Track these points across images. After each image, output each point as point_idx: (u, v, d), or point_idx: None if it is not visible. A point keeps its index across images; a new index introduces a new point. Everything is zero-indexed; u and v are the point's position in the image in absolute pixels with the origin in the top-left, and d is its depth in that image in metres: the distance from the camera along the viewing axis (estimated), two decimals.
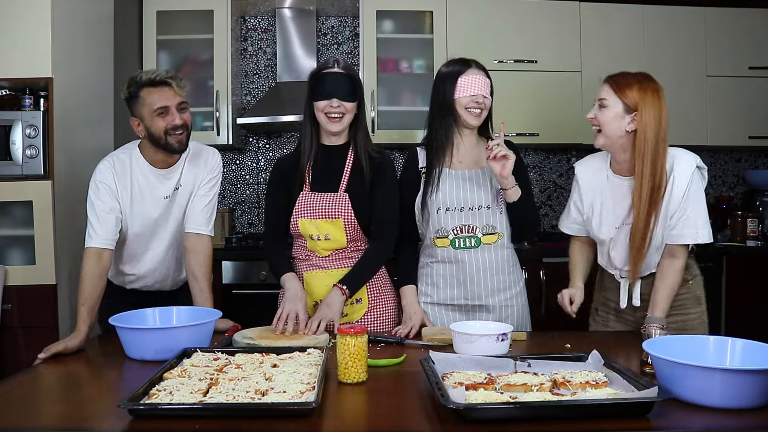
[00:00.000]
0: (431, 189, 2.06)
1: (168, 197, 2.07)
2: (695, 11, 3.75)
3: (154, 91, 1.95)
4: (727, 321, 3.49)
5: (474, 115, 2.03)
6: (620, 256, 1.93)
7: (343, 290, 1.95)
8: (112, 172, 2.02)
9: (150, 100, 1.95)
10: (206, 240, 2.12)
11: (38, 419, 1.25)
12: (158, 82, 1.95)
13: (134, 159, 2.05)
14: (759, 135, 3.77)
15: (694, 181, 1.85)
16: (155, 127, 1.96)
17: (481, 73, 2.05)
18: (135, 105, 1.98)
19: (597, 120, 1.87)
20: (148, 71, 1.98)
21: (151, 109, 1.95)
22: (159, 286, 2.21)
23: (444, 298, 2.08)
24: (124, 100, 2.01)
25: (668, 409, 1.22)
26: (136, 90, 1.96)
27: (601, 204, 1.95)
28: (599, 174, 1.97)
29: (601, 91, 1.89)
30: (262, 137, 4.05)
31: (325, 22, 4.03)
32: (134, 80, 1.97)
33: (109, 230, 1.98)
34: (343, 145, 2.10)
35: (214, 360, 1.50)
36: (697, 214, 1.85)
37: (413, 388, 1.40)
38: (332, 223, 2.03)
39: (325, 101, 2.00)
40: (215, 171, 2.15)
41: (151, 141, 2.00)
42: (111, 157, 2.06)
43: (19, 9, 2.66)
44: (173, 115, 1.96)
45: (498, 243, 2.05)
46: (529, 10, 3.68)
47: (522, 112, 3.52)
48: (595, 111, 1.88)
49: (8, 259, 2.74)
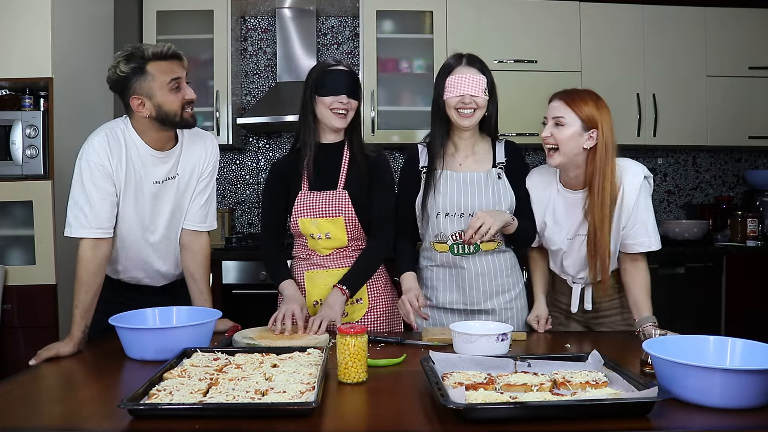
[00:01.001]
0: (431, 192, 2.03)
1: (158, 182, 1.92)
2: (695, 11, 3.75)
3: (165, 63, 1.81)
4: (727, 321, 3.48)
5: (464, 116, 1.98)
6: (574, 264, 1.97)
7: (344, 291, 1.96)
8: (107, 150, 1.84)
9: (162, 74, 1.80)
10: (204, 238, 2.06)
11: (38, 419, 1.25)
12: (169, 55, 1.82)
13: (128, 137, 1.88)
14: (759, 135, 3.77)
15: (643, 191, 1.87)
16: (169, 102, 1.82)
17: (471, 71, 1.98)
18: (138, 81, 1.80)
19: (554, 139, 1.84)
20: (150, 45, 1.83)
21: (163, 82, 1.80)
22: (149, 281, 2.08)
23: (443, 302, 2.07)
24: (118, 78, 1.81)
25: (668, 409, 1.22)
26: (141, 64, 1.80)
27: (553, 217, 1.97)
28: (549, 188, 1.98)
29: (555, 109, 1.86)
30: (262, 137, 4.05)
31: (325, 22, 4.03)
32: (137, 54, 1.80)
33: (105, 217, 1.83)
34: (339, 143, 2.10)
35: (214, 360, 1.50)
36: (647, 224, 1.88)
37: (413, 388, 1.40)
38: (333, 221, 2.03)
39: (333, 97, 1.99)
40: (214, 158, 2.04)
41: (160, 119, 1.84)
42: (104, 132, 1.87)
43: (19, 9, 2.66)
44: (186, 88, 1.86)
45: (497, 248, 2.05)
46: (529, 10, 3.68)
47: (522, 112, 3.51)
48: (551, 129, 1.85)
49: (8, 259, 2.74)
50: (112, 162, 1.84)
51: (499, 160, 2.06)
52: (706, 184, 4.21)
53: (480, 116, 2.01)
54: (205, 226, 2.06)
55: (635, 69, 3.72)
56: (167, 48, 1.82)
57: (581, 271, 1.97)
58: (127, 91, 1.83)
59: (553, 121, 1.86)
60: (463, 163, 2.06)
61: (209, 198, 2.06)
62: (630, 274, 1.91)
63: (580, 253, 1.93)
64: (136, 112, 1.85)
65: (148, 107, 1.83)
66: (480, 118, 2.01)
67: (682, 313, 3.40)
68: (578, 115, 1.82)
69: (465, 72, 1.98)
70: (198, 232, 2.05)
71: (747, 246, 3.59)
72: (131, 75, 1.80)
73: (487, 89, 1.99)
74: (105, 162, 1.83)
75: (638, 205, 1.85)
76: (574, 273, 1.99)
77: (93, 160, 1.83)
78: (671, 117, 3.71)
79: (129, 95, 1.83)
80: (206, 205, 2.05)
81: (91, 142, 1.86)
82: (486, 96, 1.99)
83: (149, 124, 1.87)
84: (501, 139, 2.11)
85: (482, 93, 1.98)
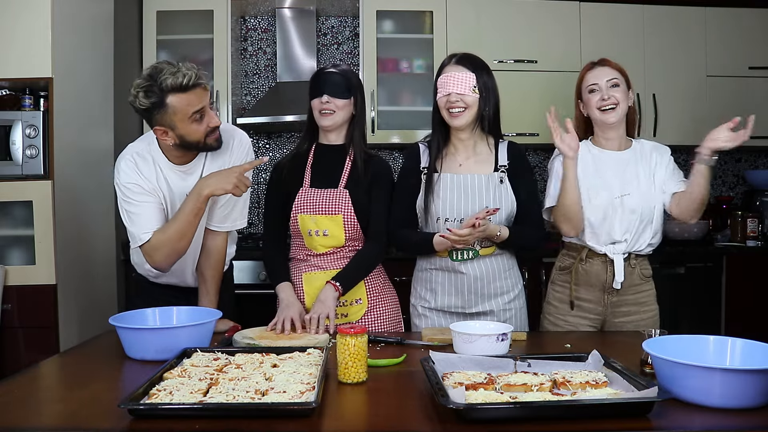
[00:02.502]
0: (432, 196, 2.01)
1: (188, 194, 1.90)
2: (695, 11, 3.75)
3: (185, 95, 1.74)
4: (727, 321, 3.48)
5: (453, 115, 1.96)
6: (621, 226, 2.02)
7: (336, 287, 1.96)
8: (136, 171, 1.86)
9: (182, 107, 1.74)
10: (220, 239, 2.03)
11: (38, 419, 1.25)
12: (189, 86, 1.74)
13: (155, 156, 1.89)
14: (759, 135, 3.76)
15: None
16: (192, 133, 1.79)
17: (458, 69, 1.96)
18: (160, 114, 1.75)
19: (615, 98, 2.02)
20: (169, 73, 1.72)
21: (185, 115, 1.75)
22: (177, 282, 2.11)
23: (442, 305, 2.07)
24: (139, 109, 1.77)
25: (668, 409, 1.22)
26: (160, 97, 1.73)
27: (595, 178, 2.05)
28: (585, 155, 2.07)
29: (606, 72, 2.05)
30: (262, 137, 4.05)
31: (325, 22, 4.03)
32: (156, 87, 1.72)
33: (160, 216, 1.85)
34: (343, 145, 2.12)
35: (214, 360, 1.50)
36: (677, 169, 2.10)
37: (413, 388, 1.40)
38: (331, 219, 2.03)
39: (317, 98, 2.05)
40: (241, 157, 1.98)
41: (184, 146, 1.83)
42: (129, 155, 1.88)
43: (19, 9, 2.66)
44: (209, 115, 1.80)
45: (495, 252, 2.04)
46: (529, 10, 3.68)
47: (522, 112, 3.51)
48: (609, 91, 2.02)
49: (8, 259, 2.74)
50: (143, 180, 1.86)
51: (501, 163, 2.04)
52: None
53: (471, 115, 1.97)
54: (225, 227, 2.03)
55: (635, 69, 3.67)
56: (187, 79, 1.73)
57: (626, 232, 2.01)
58: (151, 122, 1.81)
59: (607, 83, 2.03)
60: (464, 164, 2.04)
61: (232, 199, 1.99)
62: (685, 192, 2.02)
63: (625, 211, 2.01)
64: (160, 139, 1.85)
65: (171, 136, 1.81)
66: (472, 117, 1.97)
67: (682, 313, 3.40)
68: (624, 76, 2.07)
69: (452, 71, 1.97)
70: (215, 232, 2.02)
71: (747, 246, 3.59)
72: (152, 108, 1.75)
73: (476, 87, 1.95)
74: (136, 180, 1.86)
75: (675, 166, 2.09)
76: (620, 237, 2.02)
77: (125, 181, 1.86)
78: (671, 117, 3.70)
79: (152, 125, 1.82)
80: (227, 206, 2.01)
81: (118, 167, 1.88)
82: (475, 94, 1.95)
83: (172, 148, 1.87)
84: (504, 139, 2.09)
85: (469, 91, 1.94)
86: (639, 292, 2.06)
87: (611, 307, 2.05)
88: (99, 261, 3.01)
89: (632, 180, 2.04)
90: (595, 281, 2.05)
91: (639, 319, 2.05)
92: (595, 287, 2.05)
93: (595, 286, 2.05)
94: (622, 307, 2.05)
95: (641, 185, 2.04)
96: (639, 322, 2.04)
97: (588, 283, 2.06)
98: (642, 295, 2.06)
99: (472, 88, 1.94)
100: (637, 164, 2.07)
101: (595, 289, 2.05)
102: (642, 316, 2.06)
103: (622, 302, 2.05)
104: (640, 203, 2.01)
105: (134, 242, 1.89)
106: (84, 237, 2.92)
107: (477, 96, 1.96)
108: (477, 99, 1.96)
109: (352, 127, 2.10)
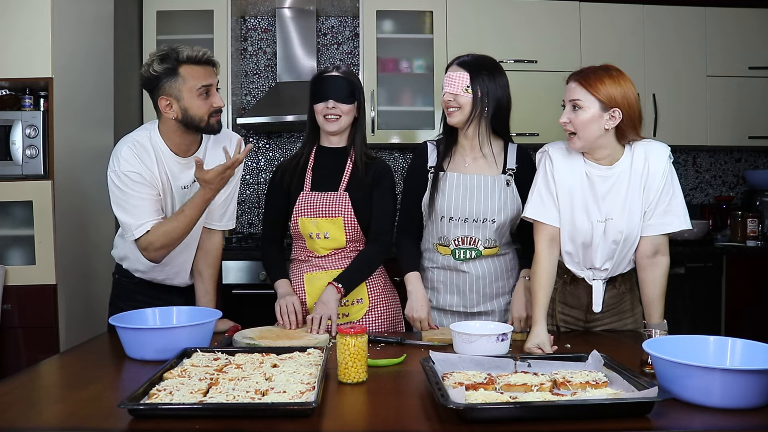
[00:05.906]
0: (437, 194, 2.01)
1: (186, 187, 1.94)
2: (695, 11, 3.74)
3: (198, 68, 1.82)
4: (727, 321, 3.48)
5: (449, 114, 1.98)
6: (602, 252, 1.83)
7: (338, 288, 1.96)
8: (137, 159, 1.84)
9: (192, 78, 1.81)
10: (217, 237, 2.06)
11: (38, 419, 1.25)
12: (203, 60, 1.83)
13: (155, 143, 1.88)
14: (759, 135, 3.77)
15: (671, 169, 1.80)
16: (196, 107, 1.83)
17: (456, 70, 1.96)
18: (169, 82, 1.81)
19: (572, 124, 1.74)
20: (185, 47, 1.82)
21: (193, 87, 1.81)
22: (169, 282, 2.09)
23: (443, 304, 2.07)
24: (150, 77, 1.82)
25: (668, 409, 1.22)
26: (173, 66, 1.80)
27: (582, 194, 1.80)
28: (575, 170, 1.81)
29: (571, 91, 1.75)
30: (262, 137, 4.05)
31: (325, 22, 4.03)
32: (172, 55, 1.80)
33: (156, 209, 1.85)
34: (344, 148, 2.12)
35: (214, 360, 1.50)
36: (679, 202, 1.80)
37: (413, 388, 1.40)
38: (332, 221, 2.03)
39: (322, 103, 2.03)
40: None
41: (185, 123, 1.85)
42: (130, 142, 1.87)
43: (19, 9, 2.66)
44: (215, 95, 1.86)
45: (498, 252, 2.04)
46: (529, 10, 3.68)
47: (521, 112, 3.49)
48: (568, 114, 1.75)
49: (8, 259, 2.74)
50: (144, 169, 1.85)
51: (510, 166, 2.03)
52: (706, 184, 4.21)
53: (464, 114, 1.95)
54: (221, 225, 2.06)
55: (635, 69, 3.70)
56: (202, 53, 1.83)
57: (608, 260, 1.84)
58: (157, 91, 1.83)
59: (570, 104, 1.75)
60: (471, 164, 2.03)
61: (229, 197, 2.03)
62: (646, 270, 1.82)
63: (608, 241, 1.80)
64: (163, 113, 1.86)
65: (175, 109, 1.83)
66: (465, 116, 1.96)
67: (682, 313, 3.40)
68: (595, 96, 1.70)
69: (450, 71, 1.98)
70: (213, 231, 2.05)
71: (747, 246, 3.59)
72: (163, 75, 1.81)
73: (469, 87, 1.93)
74: (139, 169, 1.84)
75: (667, 182, 1.78)
76: (600, 264, 1.84)
77: (126, 169, 1.83)
78: (671, 117, 3.70)
79: (158, 95, 1.84)
80: (225, 204, 2.03)
81: (119, 154, 1.85)
82: (468, 94, 1.93)
83: (174, 127, 1.87)
84: (514, 142, 2.08)
85: (461, 90, 1.93)
86: (621, 303, 1.99)
87: (592, 321, 2.01)
88: (99, 261, 3.00)
89: (617, 202, 1.79)
90: (575, 303, 2.00)
91: (621, 326, 2.00)
92: (575, 308, 2.01)
93: (576, 308, 2.00)
94: (604, 320, 2.01)
95: (626, 209, 1.79)
96: (621, 329, 2.00)
97: (568, 304, 2.01)
98: (624, 305, 2.00)
99: (464, 88, 1.93)
100: (626, 182, 1.79)
101: (575, 309, 2.01)
102: (624, 322, 2.00)
103: (603, 315, 2.00)
104: (625, 228, 1.79)
105: (129, 234, 1.85)
106: (84, 237, 2.92)
107: (470, 96, 1.94)
108: (470, 99, 1.94)
109: (354, 130, 2.11)
